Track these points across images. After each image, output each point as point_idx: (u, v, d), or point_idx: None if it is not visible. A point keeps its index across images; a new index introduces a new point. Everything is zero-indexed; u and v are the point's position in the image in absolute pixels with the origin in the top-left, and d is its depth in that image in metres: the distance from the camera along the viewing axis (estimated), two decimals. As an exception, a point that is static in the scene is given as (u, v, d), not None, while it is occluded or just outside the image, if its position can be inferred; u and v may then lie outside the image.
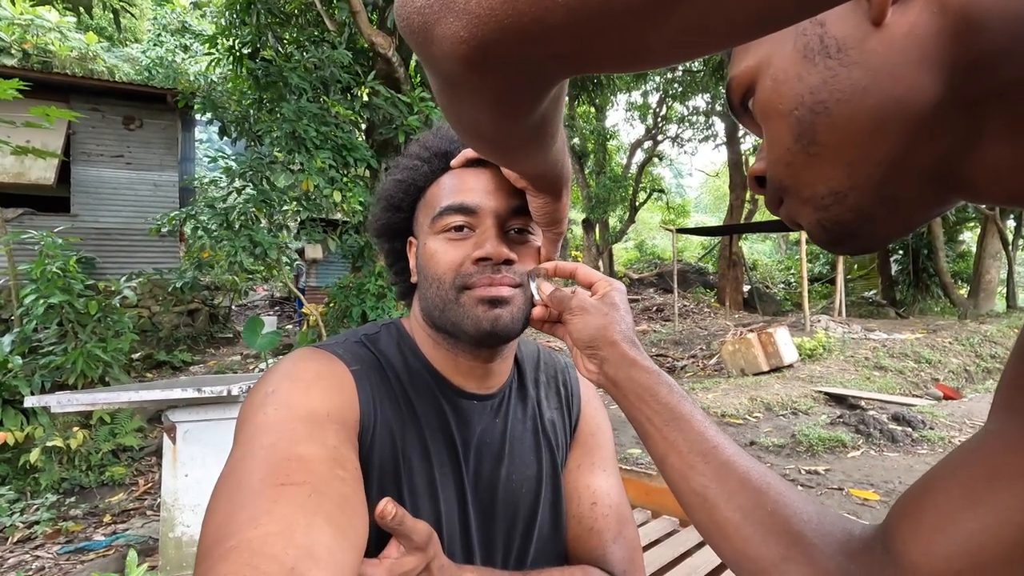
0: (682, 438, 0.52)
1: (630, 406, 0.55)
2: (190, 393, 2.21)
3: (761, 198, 0.44)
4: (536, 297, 0.64)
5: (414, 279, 0.70)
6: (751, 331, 7.93)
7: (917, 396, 6.22)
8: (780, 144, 0.38)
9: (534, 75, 0.28)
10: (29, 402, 2.24)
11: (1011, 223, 12.53)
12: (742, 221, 14.50)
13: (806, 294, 9.37)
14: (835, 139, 0.35)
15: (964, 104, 0.32)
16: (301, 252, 11.41)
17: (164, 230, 6.18)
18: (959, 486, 0.35)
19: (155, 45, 13.79)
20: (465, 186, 0.64)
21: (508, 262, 0.61)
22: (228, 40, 6.50)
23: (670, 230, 13.16)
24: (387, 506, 0.51)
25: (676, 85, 13.12)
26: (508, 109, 0.32)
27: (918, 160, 0.34)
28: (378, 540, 0.53)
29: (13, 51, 10.23)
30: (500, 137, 0.37)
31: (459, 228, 0.63)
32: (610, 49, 0.24)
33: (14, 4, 10.01)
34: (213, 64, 6.77)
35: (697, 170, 26.68)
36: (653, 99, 15.16)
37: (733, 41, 0.25)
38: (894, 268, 14.64)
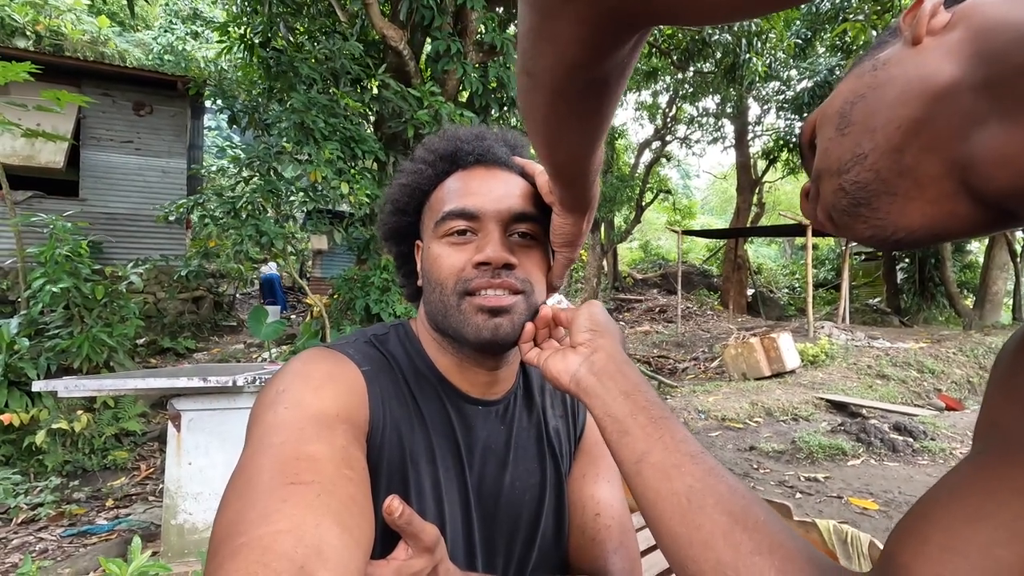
0: (669, 435, 0.48)
1: (612, 400, 0.51)
2: (196, 382, 2.22)
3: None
4: (545, 308, 0.63)
5: (420, 282, 0.70)
6: (754, 335, 7.92)
7: (919, 406, 6.21)
8: (824, 139, 0.44)
9: (619, 13, 0.31)
10: (37, 386, 2.26)
11: (1020, 234, 12.43)
12: (748, 224, 14.44)
13: (810, 300, 9.34)
14: (865, 115, 0.41)
15: (978, 88, 0.35)
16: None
17: (171, 217, 6.21)
18: (961, 505, 0.34)
19: (165, 31, 13.80)
20: (468, 190, 0.64)
21: (509, 266, 0.61)
22: (240, 28, 6.50)
23: (675, 231, 13.13)
24: (393, 502, 0.51)
25: (687, 86, 13.01)
26: (588, 47, 0.33)
27: (934, 131, 0.37)
28: (384, 541, 0.54)
29: (27, 32, 10.27)
30: (565, 84, 0.37)
31: (461, 232, 0.63)
32: None
33: (29, -14, 10.04)
34: (224, 51, 6.77)
35: (705, 172, 26.61)
36: (663, 99, 15.08)
37: None
38: (900, 276, 14.55)
